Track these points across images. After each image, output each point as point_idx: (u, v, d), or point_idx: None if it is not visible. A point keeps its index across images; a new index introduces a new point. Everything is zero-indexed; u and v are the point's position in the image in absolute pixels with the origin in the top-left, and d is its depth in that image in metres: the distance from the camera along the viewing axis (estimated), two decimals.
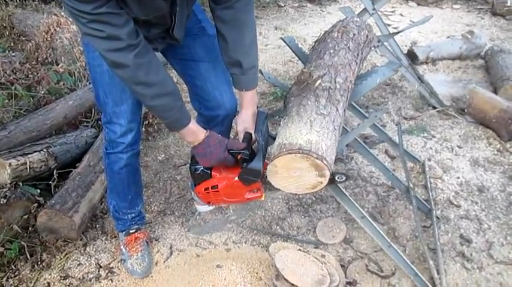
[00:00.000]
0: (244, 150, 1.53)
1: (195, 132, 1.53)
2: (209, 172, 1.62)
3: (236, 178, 1.55)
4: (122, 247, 2.05)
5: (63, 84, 3.13)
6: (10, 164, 2.12)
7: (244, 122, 1.63)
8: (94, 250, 2.14)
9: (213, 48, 1.70)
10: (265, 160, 1.57)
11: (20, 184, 2.21)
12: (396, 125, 2.98)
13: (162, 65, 1.44)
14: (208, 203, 1.75)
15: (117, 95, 1.66)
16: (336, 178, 1.60)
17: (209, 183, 1.63)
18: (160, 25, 1.47)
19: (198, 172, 1.63)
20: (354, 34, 2.05)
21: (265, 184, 1.60)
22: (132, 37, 1.29)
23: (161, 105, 1.44)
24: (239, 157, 1.55)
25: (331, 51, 1.91)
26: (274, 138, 1.63)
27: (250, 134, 1.59)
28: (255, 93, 1.65)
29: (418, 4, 5.46)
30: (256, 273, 1.90)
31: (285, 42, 2.19)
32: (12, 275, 1.99)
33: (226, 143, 1.55)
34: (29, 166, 2.22)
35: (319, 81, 1.71)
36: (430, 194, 2.36)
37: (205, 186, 1.65)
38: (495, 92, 3.20)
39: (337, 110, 1.64)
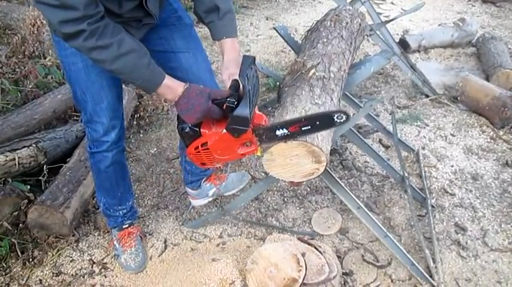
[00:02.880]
0: (230, 98, 1.40)
1: (173, 87, 1.42)
2: (198, 129, 1.50)
3: (224, 131, 1.43)
4: (115, 242, 2.02)
5: (52, 77, 3.06)
6: None
7: (227, 69, 1.53)
8: (87, 245, 2.11)
9: (192, 38, 1.67)
10: (258, 110, 1.48)
11: (9, 180, 2.17)
12: (390, 114, 2.97)
13: (122, 28, 1.33)
14: (203, 165, 1.62)
15: (96, 92, 1.60)
16: (335, 117, 1.39)
17: (199, 141, 1.51)
18: None
19: (186, 131, 1.51)
20: (347, 23, 2.03)
21: (261, 142, 1.48)
22: (90, 7, 1.18)
23: (125, 67, 1.33)
24: (224, 106, 1.41)
25: (324, 40, 1.89)
26: None
27: (237, 81, 1.44)
28: (236, 42, 1.58)
29: None
30: None
31: (277, 32, 2.18)
32: (4, 273, 1.96)
33: (208, 92, 1.42)
34: (18, 162, 2.18)
35: (313, 70, 1.69)
36: (425, 183, 2.36)
37: (195, 145, 1.52)
38: (487, 79, 3.20)
39: (332, 99, 1.62)
